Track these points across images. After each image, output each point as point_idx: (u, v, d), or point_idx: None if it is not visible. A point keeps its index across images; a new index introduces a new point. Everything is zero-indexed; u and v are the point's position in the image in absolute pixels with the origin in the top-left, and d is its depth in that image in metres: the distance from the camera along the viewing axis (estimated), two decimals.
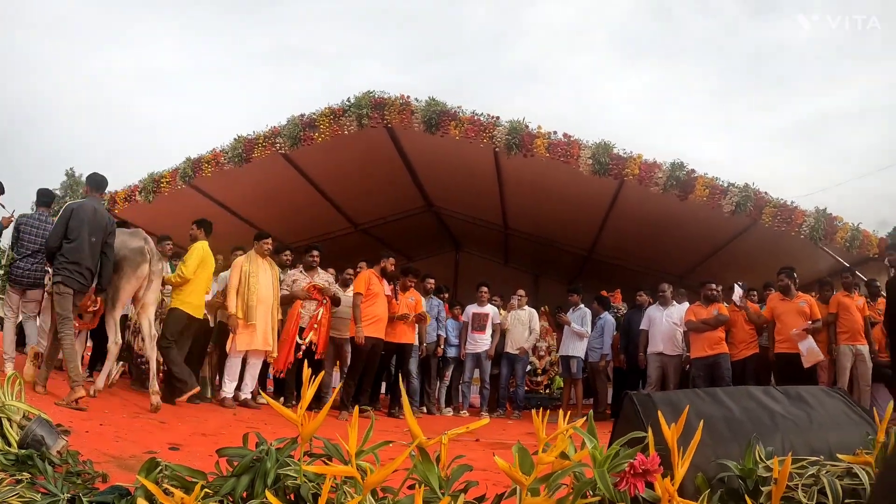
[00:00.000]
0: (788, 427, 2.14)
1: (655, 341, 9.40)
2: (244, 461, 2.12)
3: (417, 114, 10.64)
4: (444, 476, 1.91)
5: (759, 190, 9.86)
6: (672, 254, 13.50)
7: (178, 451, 4.56)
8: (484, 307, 10.51)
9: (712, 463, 1.96)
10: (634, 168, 9.97)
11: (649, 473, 1.61)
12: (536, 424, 1.81)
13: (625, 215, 12.05)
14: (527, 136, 10.29)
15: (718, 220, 10.38)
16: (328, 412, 2.17)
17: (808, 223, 9.64)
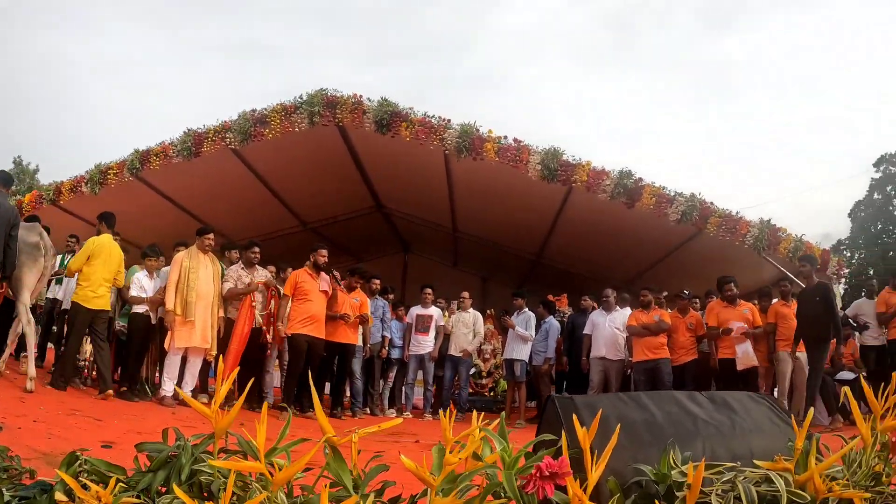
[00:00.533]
0: (710, 432, 2.14)
1: (598, 346, 9.50)
2: (161, 456, 2.08)
3: (369, 114, 10.57)
4: (359, 475, 1.88)
5: (704, 200, 10.00)
6: (619, 260, 13.62)
7: (110, 448, 4.46)
8: (428, 309, 10.49)
9: (630, 467, 1.95)
10: (583, 175, 10.04)
11: (558, 476, 1.59)
12: (444, 425, 1.78)
13: (573, 221, 12.12)
14: (477, 139, 10.29)
15: (664, 229, 10.49)
16: (269, 412, 2.13)
17: (753, 233, 9.80)
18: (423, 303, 10.52)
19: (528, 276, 16.62)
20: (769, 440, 2.18)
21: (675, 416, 2.18)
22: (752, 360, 8.61)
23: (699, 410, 2.24)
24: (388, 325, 10.40)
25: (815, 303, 8.18)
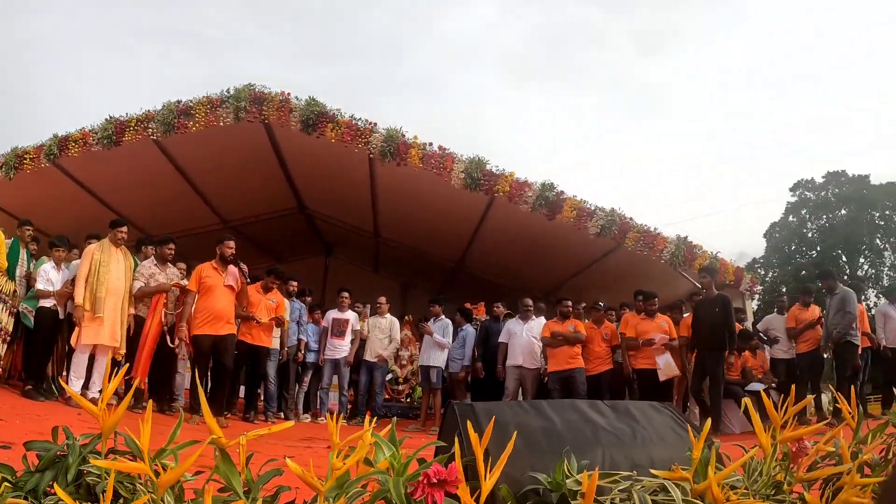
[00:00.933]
0: (610, 441, 2.14)
1: (515, 354, 9.49)
2: (48, 456, 2.00)
3: (296, 112, 10.45)
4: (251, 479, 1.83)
5: (624, 215, 10.19)
6: (539, 270, 13.75)
7: (9, 449, 4.29)
8: (344, 313, 10.29)
9: (526, 475, 1.94)
10: (505, 185, 10.12)
11: (447, 483, 1.57)
12: (330, 429, 1.75)
13: (494, 230, 12.19)
14: (402, 144, 10.29)
15: (584, 241, 10.63)
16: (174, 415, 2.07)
17: (670, 249, 10.04)
18: (340, 306, 10.31)
19: (449, 284, 16.64)
20: (670, 449, 2.19)
21: (575, 425, 2.18)
22: (674, 371, 8.83)
23: (600, 419, 2.24)
24: (304, 329, 10.18)
25: (715, 313, 8.35)
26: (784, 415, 1.91)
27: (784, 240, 46.31)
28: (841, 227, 43.57)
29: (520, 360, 9.43)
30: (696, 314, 8.78)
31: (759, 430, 1.89)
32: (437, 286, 16.95)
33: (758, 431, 1.90)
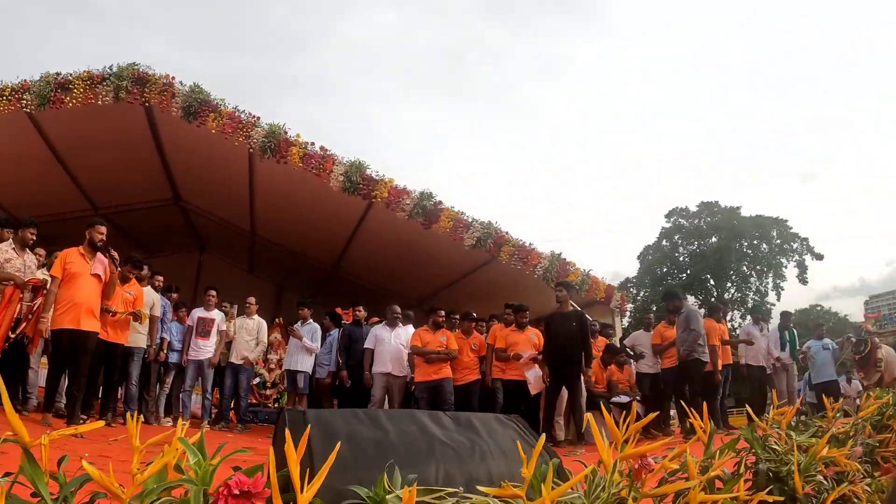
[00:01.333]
0: (447, 454, 2.07)
1: (384, 361, 9.29)
2: None
3: (179, 98, 10.04)
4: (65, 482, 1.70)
5: (500, 229, 10.26)
6: (414, 278, 13.72)
7: None
8: (211, 312, 9.80)
9: (347, 489, 1.87)
10: (384, 191, 10.06)
11: (252, 496, 1.48)
12: (130, 431, 1.64)
13: (371, 236, 12.09)
14: (283, 142, 10.06)
15: (460, 252, 10.66)
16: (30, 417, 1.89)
17: (543, 265, 10.17)
18: (206, 305, 9.80)
19: (324, 288, 16.33)
20: (512, 464, 2.11)
21: (410, 437, 2.11)
22: (543, 385, 8.89)
23: (439, 431, 2.17)
24: (167, 327, 9.58)
25: (571, 327, 8.41)
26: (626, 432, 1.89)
27: (657, 262, 49.78)
28: (711, 253, 47.13)
29: (389, 367, 9.26)
30: (550, 328, 8.74)
31: (601, 444, 1.87)
32: (312, 289, 16.64)
33: (599, 446, 1.87)
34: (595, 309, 11.02)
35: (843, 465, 2.84)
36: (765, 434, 2.79)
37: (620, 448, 1.90)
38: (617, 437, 1.86)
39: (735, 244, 47.07)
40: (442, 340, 8.94)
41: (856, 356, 12.32)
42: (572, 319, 8.50)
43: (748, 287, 47.87)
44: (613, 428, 1.86)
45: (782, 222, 47.49)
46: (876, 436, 3.76)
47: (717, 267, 46.73)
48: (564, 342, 8.38)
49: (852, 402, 9.69)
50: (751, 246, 47.56)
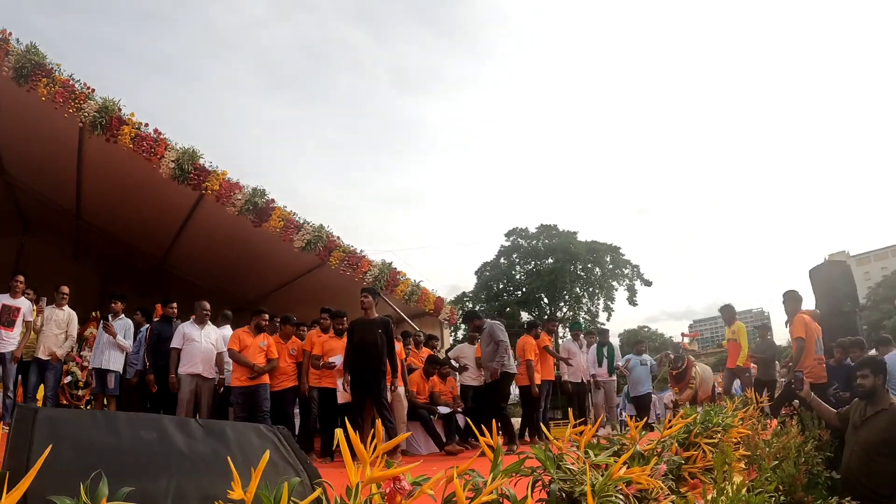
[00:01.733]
0: (183, 467, 1.86)
1: (194, 362, 8.66)
2: None
3: (12, 56, 9.09)
4: None
5: (332, 234, 10.05)
6: (245, 278, 13.30)
7: None
8: (17, 300, 8.89)
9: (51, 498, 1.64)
10: (215, 183, 9.61)
11: None
12: None
13: (202, 231, 11.57)
14: (116, 119, 9.35)
15: (291, 255, 10.38)
16: None
17: (373, 273, 10.03)
18: (13, 291, 8.88)
19: (151, 282, 15.40)
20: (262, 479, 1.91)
21: (146, 445, 1.88)
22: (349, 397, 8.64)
23: (183, 441, 1.95)
24: None
25: (377, 334, 8.20)
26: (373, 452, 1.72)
27: (493, 278, 51.86)
28: (546, 273, 49.34)
29: (199, 369, 8.66)
30: (353, 335, 8.43)
31: (349, 464, 1.69)
32: (139, 282, 15.63)
33: (347, 466, 1.70)
34: (424, 320, 10.99)
35: (644, 484, 2.80)
36: (560, 452, 2.70)
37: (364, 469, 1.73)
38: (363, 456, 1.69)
39: (570, 266, 49.35)
40: (262, 346, 8.52)
41: (672, 371, 13.07)
42: (377, 326, 8.26)
43: (580, 307, 50.29)
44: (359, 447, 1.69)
45: (616, 249, 50.65)
46: (683, 453, 3.80)
47: (552, 287, 48.83)
48: (368, 350, 8.13)
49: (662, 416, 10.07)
50: (585, 269, 50.16)
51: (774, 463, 4.29)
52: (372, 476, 1.67)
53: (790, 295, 8.78)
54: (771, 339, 12.03)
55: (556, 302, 49.44)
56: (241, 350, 8.41)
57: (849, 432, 5.52)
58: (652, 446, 3.57)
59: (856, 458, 5.24)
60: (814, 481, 5.12)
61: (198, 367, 8.65)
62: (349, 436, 1.71)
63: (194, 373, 8.64)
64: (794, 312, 8.54)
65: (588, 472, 2.51)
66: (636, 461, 3.14)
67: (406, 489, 1.64)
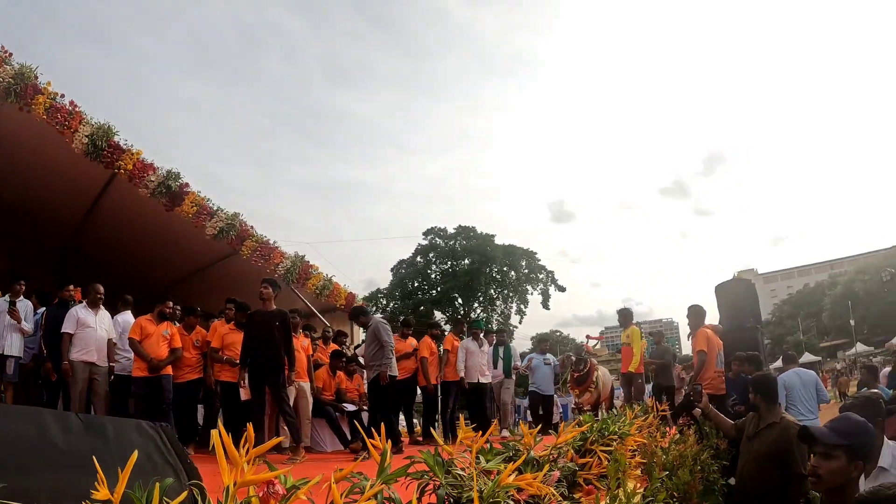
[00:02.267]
0: (62, 464, 1.79)
1: (88, 348, 8.19)
2: None
3: None
4: None
5: (245, 223, 9.85)
6: (158, 264, 12.92)
7: None
8: None
9: None
10: (129, 163, 9.27)
11: None
12: None
13: (113, 212, 11.19)
14: (31, 87, 8.88)
15: (204, 242, 10.14)
16: None
17: (285, 265, 9.88)
18: None
19: (63, 263, 14.86)
20: (137, 478, 1.83)
21: (21, 439, 1.80)
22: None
23: (60, 436, 1.87)
24: None
25: (275, 327, 8.00)
26: (247, 455, 1.67)
27: (409, 276, 52.16)
28: (462, 274, 49.99)
29: (93, 356, 8.19)
30: (250, 327, 8.22)
31: (223, 466, 1.65)
32: (51, 263, 14.95)
33: (221, 467, 1.65)
34: (335, 315, 10.89)
35: (536, 490, 2.81)
36: (451, 457, 2.70)
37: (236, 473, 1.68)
38: (236, 458, 1.64)
39: (486, 268, 50.20)
40: (165, 334, 8.24)
41: (574, 373, 13.27)
42: (275, 319, 8.05)
43: (494, 309, 51.23)
44: (231, 449, 1.64)
45: (532, 254, 51.55)
46: (579, 459, 3.85)
47: (467, 287, 49.58)
48: (264, 342, 7.92)
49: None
50: (500, 272, 51.07)
51: (665, 473, 4.38)
52: (245, 479, 1.63)
53: (693, 310, 8.99)
54: (667, 345, 12.58)
55: (471, 303, 50.17)
56: (142, 339, 8.10)
57: (743, 443, 5.74)
58: (547, 452, 3.60)
59: (749, 468, 5.47)
60: (710, 488, 5.32)
61: (92, 355, 8.19)
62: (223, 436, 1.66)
63: (88, 360, 8.17)
64: (696, 326, 8.76)
65: (476, 478, 2.51)
66: (529, 467, 3.15)
67: (280, 493, 1.60)
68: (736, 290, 10.47)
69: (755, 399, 5.64)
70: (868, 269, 68.68)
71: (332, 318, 10.94)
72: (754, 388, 5.71)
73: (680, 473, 4.35)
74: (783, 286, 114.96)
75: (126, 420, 2.16)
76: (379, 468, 2.21)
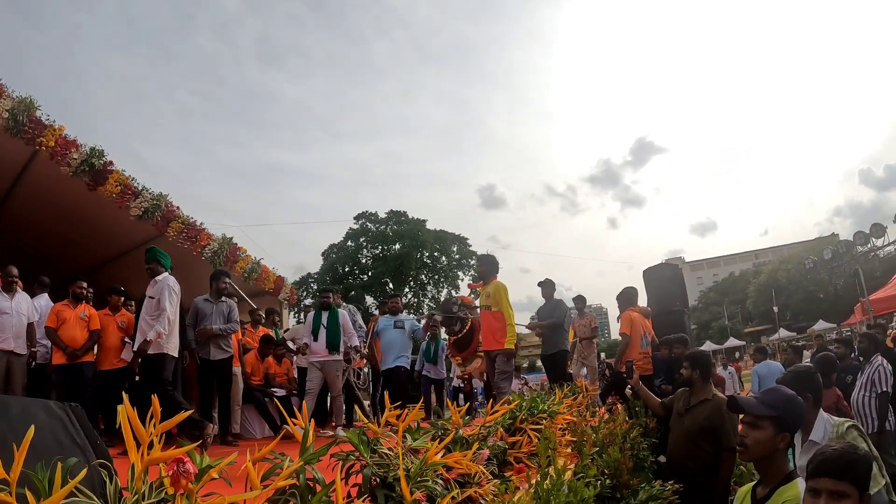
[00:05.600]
0: None
1: (4, 336, 7.72)
2: None
3: None
4: None
5: (172, 203, 9.60)
6: (77, 246, 12.48)
7: None
8: None
9: None
10: (51, 139, 8.88)
11: None
12: None
13: (32, 191, 10.73)
14: None
15: (128, 223, 9.86)
16: None
17: (212, 247, 9.68)
18: None
19: None
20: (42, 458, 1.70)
21: None
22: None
23: None
24: None
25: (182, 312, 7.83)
26: (152, 430, 1.59)
27: (340, 261, 52.13)
28: (393, 258, 50.39)
29: (10, 344, 7.73)
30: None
31: (130, 445, 1.57)
32: None
33: (128, 447, 1.57)
34: (264, 299, 10.72)
35: (465, 468, 2.79)
36: (376, 437, 2.65)
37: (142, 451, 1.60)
38: (142, 436, 1.56)
39: (417, 253, 50.61)
40: (83, 316, 7.97)
41: (451, 337, 10.60)
42: None
43: (425, 294, 51.72)
44: (138, 426, 1.56)
45: (463, 240, 52.31)
46: (508, 438, 3.88)
47: (398, 272, 49.88)
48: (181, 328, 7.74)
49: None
50: (431, 257, 51.48)
51: (596, 449, 4.40)
52: (152, 457, 1.56)
53: (623, 293, 9.08)
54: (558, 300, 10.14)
55: (401, 287, 50.18)
56: (59, 325, 7.84)
57: (673, 419, 5.81)
58: (476, 431, 3.58)
59: (680, 443, 5.53)
60: (640, 465, 5.39)
61: (9, 343, 7.75)
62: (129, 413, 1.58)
63: (5, 349, 7.72)
64: (624, 309, 8.83)
65: (402, 456, 2.48)
66: (458, 446, 3.14)
67: (191, 472, 1.52)
68: (662, 275, 10.58)
69: (692, 374, 5.68)
70: (791, 259, 70.27)
71: (261, 301, 10.77)
72: (692, 363, 5.73)
73: (610, 451, 4.38)
74: (709, 274, 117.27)
75: (33, 399, 2.04)
76: (301, 448, 2.16)
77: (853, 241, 25.77)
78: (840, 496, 2.37)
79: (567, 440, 4.41)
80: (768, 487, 3.13)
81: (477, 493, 2.73)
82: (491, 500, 2.68)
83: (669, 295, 10.18)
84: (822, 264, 29.65)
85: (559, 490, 2.83)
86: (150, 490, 1.59)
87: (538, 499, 2.77)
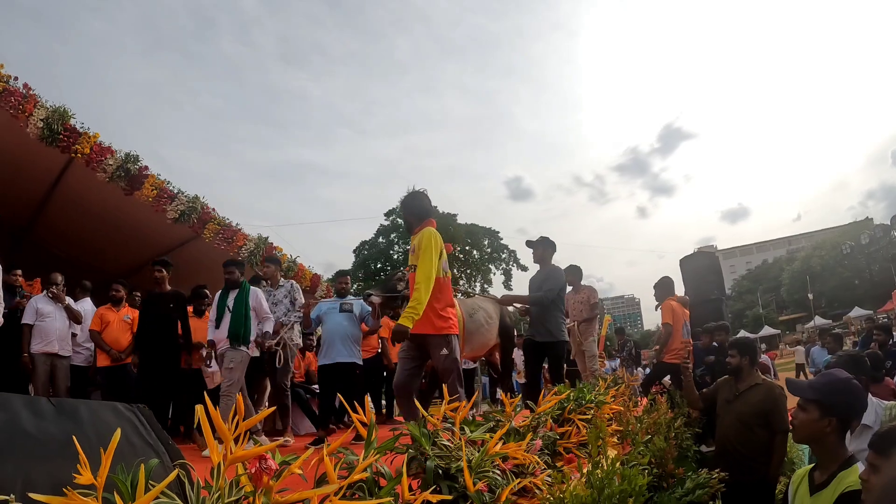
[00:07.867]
0: (33, 451, 1.66)
1: (49, 339, 7.92)
2: None
3: None
4: None
5: (207, 205, 9.69)
6: (115, 251, 12.65)
7: None
8: None
9: None
10: (86, 146, 9.00)
11: None
12: None
13: (70, 198, 10.90)
14: None
15: (165, 226, 9.97)
16: None
17: (249, 247, 9.75)
18: None
19: (15, 255, 14.57)
20: (118, 461, 1.71)
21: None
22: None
23: (31, 422, 1.74)
24: None
25: (170, 308, 7.87)
26: (236, 429, 1.59)
27: (371, 257, 51.85)
28: None
29: (55, 347, 7.93)
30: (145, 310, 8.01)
31: (211, 444, 1.58)
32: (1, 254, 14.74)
33: (210, 445, 1.58)
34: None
35: (521, 459, 2.81)
36: (435, 429, 2.66)
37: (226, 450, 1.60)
38: (225, 434, 1.57)
39: None
40: (126, 319, 8.16)
41: None
42: (168, 300, 7.91)
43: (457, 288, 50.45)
44: (221, 425, 1.57)
45: (494, 233, 51.94)
46: (557, 429, 3.87)
47: None
48: (156, 326, 7.76)
49: None
50: (463, 251, 50.98)
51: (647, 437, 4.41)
52: (236, 455, 1.56)
53: (661, 282, 8.99)
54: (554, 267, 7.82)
55: None
56: (103, 328, 8.02)
57: (721, 407, 5.77)
58: (527, 422, 3.59)
59: (733, 429, 5.51)
60: (684, 454, 5.39)
61: (53, 346, 7.93)
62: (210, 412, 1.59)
63: (49, 351, 7.91)
64: (662, 298, 8.77)
65: (464, 448, 2.48)
66: (512, 437, 3.14)
67: (273, 468, 1.53)
68: (700, 263, 10.53)
69: (741, 361, 5.66)
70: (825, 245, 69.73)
71: None
72: (741, 350, 5.71)
73: (655, 440, 4.38)
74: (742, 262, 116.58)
75: (100, 402, 2.04)
76: (366, 442, 2.17)
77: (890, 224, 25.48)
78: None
79: (613, 429, 4.42)
80: (826, 472, 3.12)
81: (532, 482, 2.76)
82: (545, 489, 2.69)
83: (707, 284, 10.12)
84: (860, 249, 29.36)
85: (612, 478, 2.84)
86: (229, 488, 1.60)
87: (591, 487, 2.77)
